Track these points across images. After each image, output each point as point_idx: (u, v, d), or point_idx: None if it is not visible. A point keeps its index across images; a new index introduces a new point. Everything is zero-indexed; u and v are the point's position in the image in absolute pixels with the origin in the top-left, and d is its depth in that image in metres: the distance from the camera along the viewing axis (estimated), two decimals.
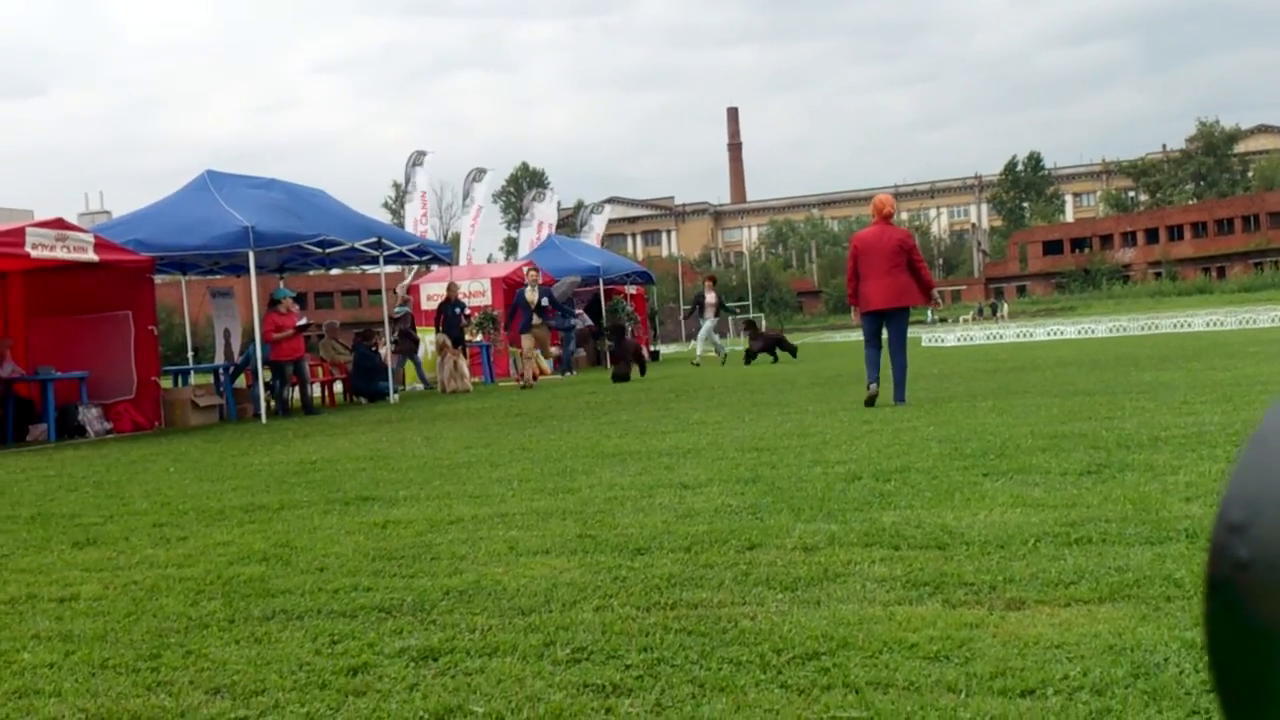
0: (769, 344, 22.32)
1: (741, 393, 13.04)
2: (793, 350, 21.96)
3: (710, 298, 22.67)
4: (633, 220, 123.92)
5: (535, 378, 19.24)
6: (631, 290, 30.59)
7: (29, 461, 10.41)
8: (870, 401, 9.52)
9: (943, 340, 29.02)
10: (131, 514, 6.14)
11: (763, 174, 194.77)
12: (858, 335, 11.46)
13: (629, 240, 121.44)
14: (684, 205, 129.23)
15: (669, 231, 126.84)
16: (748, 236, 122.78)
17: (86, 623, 3.61)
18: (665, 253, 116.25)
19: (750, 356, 22.10)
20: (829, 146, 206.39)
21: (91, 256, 13.68)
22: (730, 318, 29.05)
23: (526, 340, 18.66)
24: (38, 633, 3.52)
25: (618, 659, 2.85)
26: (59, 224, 13.87)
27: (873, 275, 9.63)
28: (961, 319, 64.37)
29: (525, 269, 20.02)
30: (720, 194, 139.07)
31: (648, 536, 4.35)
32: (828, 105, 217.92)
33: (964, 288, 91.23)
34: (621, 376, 17.68)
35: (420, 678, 2.80)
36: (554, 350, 22.91)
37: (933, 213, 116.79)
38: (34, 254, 13.12)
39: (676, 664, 2.78)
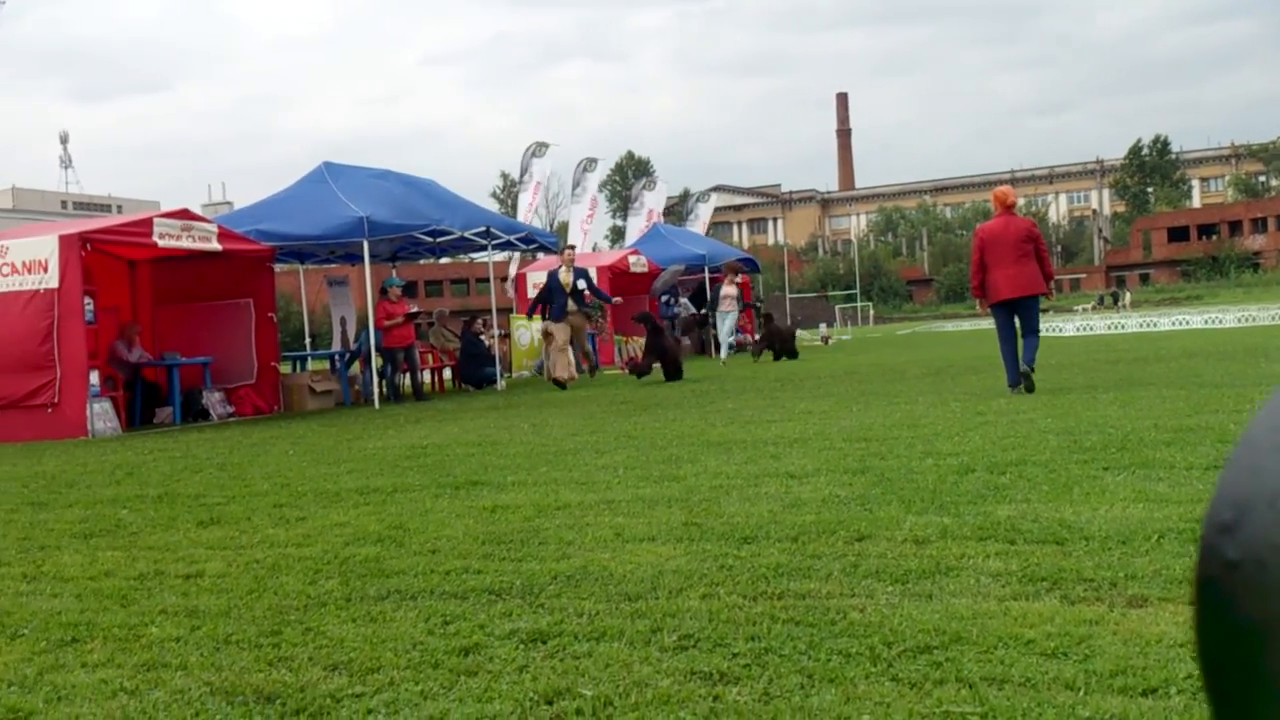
0: (774, 340, 20.92)
1: (849, 383, 12.89)
2: (792, 353, 20.85)
3: (729, 290, 21.04)
4: (738, 208, 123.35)
5: (573, 374, 16.03)
6: (738, 279, 30.48)
7: (156, 443, 10.84)
8: (1023, 387, 9.55)
9: (1061, 330, 28.24)
10: (252, 495, 6.35)
11: (872, 160, 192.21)
12: (970, 325, 11.21)
13: (734, 228, 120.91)
14: (791, 193, 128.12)
15: (775, 219, 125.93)
16: (856, 224, 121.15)
17: (211, 599, 3.75)
18: (771, 241, 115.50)
19: (758, 351, 20.86)
20: (942, 132, 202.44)
21: (215, 246, 14.17)
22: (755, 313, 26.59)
23: (560, 330, 15.73)
24: (165, 608, 3.66)
25: (724, 647, 2.84)
26: (184, 214, 14.40)
27: (1000, 265, 9.63)
28: (1081, 308, 62.53)
29: (565, 250, 17.02)
30: (828, 181, 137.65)
31: (754, 525, 4.33)
32: (941, 89, 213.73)
33: (1084, 276, 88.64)
34: (644, 370, 16.30)
35: (529, 660, 2.84)
36: (591, 338, 21.83)
37: (1050, 198, 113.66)
38: (161, 243, 13.64)
39: (784, 654, 2.76)
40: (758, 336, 21.85)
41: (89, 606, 3.75)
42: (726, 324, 20.78)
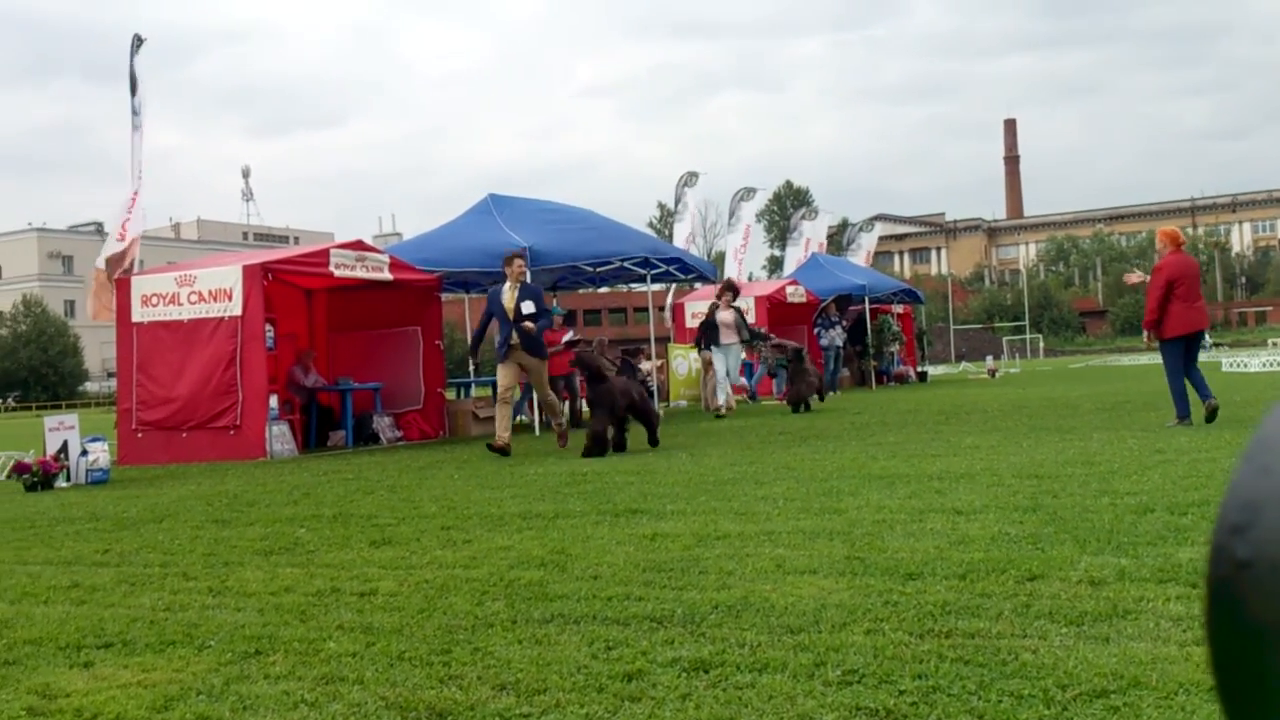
0: (803, 386, 16.19)
1: (1018, 417, 12.48)
2: (809, 401, 16.51)
3: (725, 316, 15.94)
4: (900, 238, 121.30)
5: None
6: (899, 309, 29.94)
7: (330, 465, 11.30)
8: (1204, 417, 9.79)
9: (1245, 365, 26.73)
10: (421, 517, 6.55)
11: (1042, 187, 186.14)
12: (1148, 359, 10.71)
13: (895, 258, 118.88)
14: (955, 221, 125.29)
15: (939, 249, 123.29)
16: (1025, 253, 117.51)
17: (384, 616, 3.88)
18: (935, 271, 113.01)
19: (796, 402, 16.03)
20: (1116, 158, 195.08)
21: (386, 275, 14.74)
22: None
23: (503, 372, 11.45)
24: (342, 624, 3.81)
25: (890, 684, 2.78)
26: (359, 245, 15.04)
27: (1185, 300, 9.90)
28: (1271, 342, 59.01)
29: (514, 260, 11.67)
30: (995, 209, 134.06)
31: (919, 562, 4.23)
32: (1114, 114, 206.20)
33: (1269, 309, 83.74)
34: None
35: (692, 688, 2.84)
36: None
37: (1233, 227, 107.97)
38: (337, 273, 14.28)
39: (953, 693, 2.69)
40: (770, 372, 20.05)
41: (270, 620, 3.93)
42: (728, 360, 16.08)
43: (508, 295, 11.41)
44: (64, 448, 11.21)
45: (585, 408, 17.79)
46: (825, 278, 26.29)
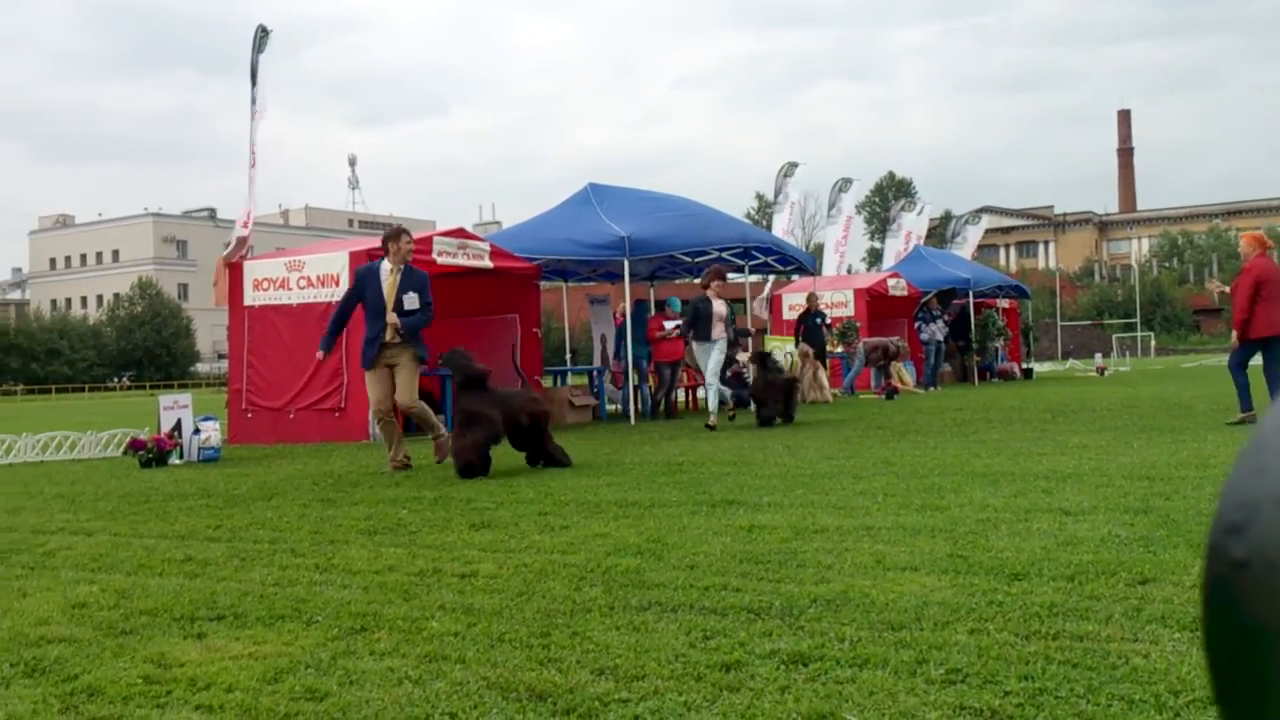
0: (767, 395, 13.19)
1: (1128, 416, 12.13)
2: (788, 414, 13.24)
3: (718, 308, 13.19)
4: (1006, 230, 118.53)
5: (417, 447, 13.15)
6: (1004, 304, 29.28)
7: (429, 448, 11.47)
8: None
9: None
10: (519, 502, 6.63)
11: (1156, 180, 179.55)
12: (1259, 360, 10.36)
13: (1001, 251, 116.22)
14: (1064, 214, 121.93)
15: (1046, 242, 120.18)
16: (1137, 248, 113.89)
17: (484, 598, 3.93)
18: (1042, 265, 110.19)
19: (761, 415, 13.19)
20: (1234, 151, 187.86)
21: (487, 263, 14.92)
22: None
23: (373, 384, 9.32)
24: (443, 604, 3.87)
25: (995, 684, 2.73)
26: (460, 233, 15.25)
27: (1274, 301, 10.19)
28: None
29: (399, 236, 9.49)
30: (1106, 202, 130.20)
31: (1025, 562, 4.14)
32: (1234, 105, 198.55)
33: None
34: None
35: (791, 681, 2.82)
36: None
37: None
38: (439, 261, 14.49)
39: (1060, 695, 2.62)
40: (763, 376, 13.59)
41: (375, 599, 4.02)
42: (711, 359, 13.16)
43: (387, 279, 9.20)
44: (178, 426, 11.60)
45: (675, 398, 17.78)
46: (928, 270, 25.82)
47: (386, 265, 9.33)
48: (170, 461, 11.17)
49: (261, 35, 15.37)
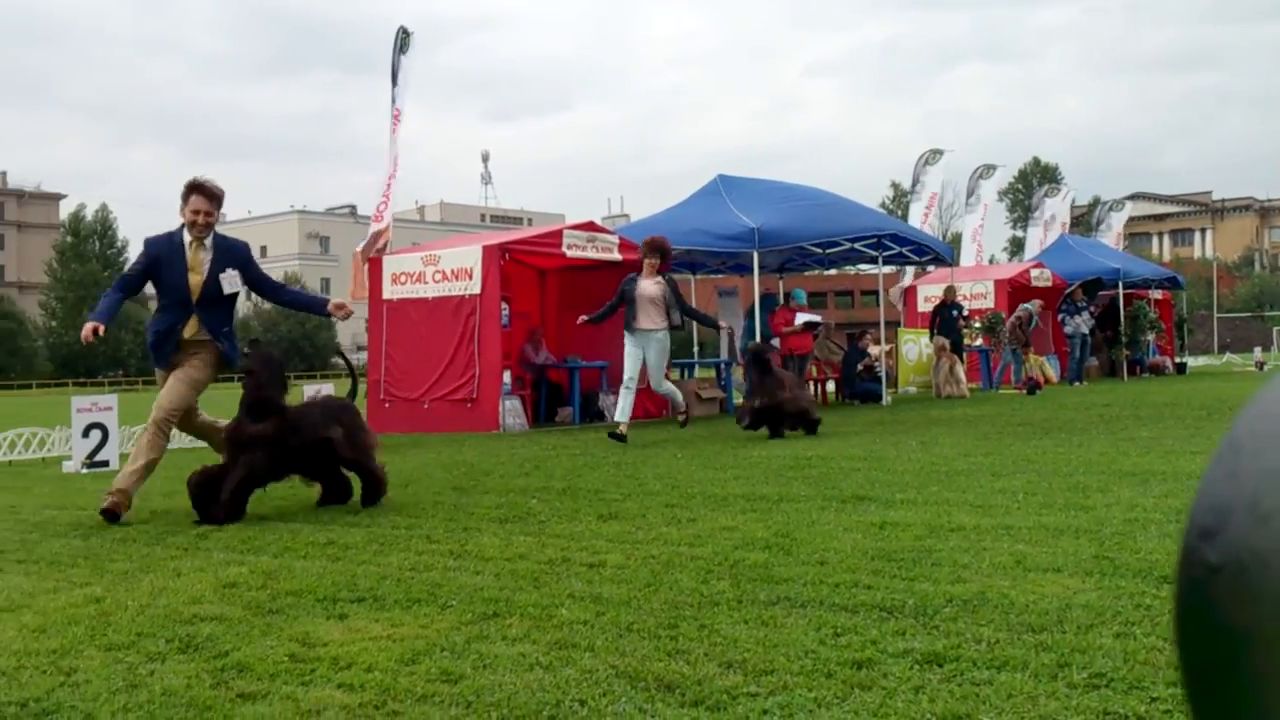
0: (770, 404, 10.73)
1: None
2: (809, 423, 10.94)
3: (648, 288, 11.04)
4: (1159, 218, 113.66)
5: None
6: (1156, 295, 28.12)
7: (558, 440, 11.64)
8: None
9: None
10: (646, 493, 6.65)
11: None
12: None
13: (1154, 240, 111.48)
14: (1223, 201, 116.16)
15: (1203, 230, 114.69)
16: None
17: (612, 588, 3.96)
18: (1198, 254, 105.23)
19: (755, 419, 10.85)
20: None
21: (616, 256, 15.03)
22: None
23: (167, 383, 6.87)
24: (572, 592, 3.91)
25: (1142, 690, 2.61)
26: (590, 226, 15.42)
27: None
28: None
29: (201, 189, 6.81)
30: (1269, 188, 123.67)
31: (1175, 564, 3.95)
32: None
33: None
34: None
35: (925, 681, 2.75)
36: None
37: None
38: (569, 253, 14.68)
39: None
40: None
41: (506, 585, 4.08)
42: (648, 355, 11.28)
43: (190, 254, 6.78)
44: None
45: (819, 390, 17.61)
46: (1073, 260, 24.94)
47: (186, 235, 6.79)
48: None
49: (403, 36, 15.76)
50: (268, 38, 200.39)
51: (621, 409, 11.18)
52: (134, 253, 7.47)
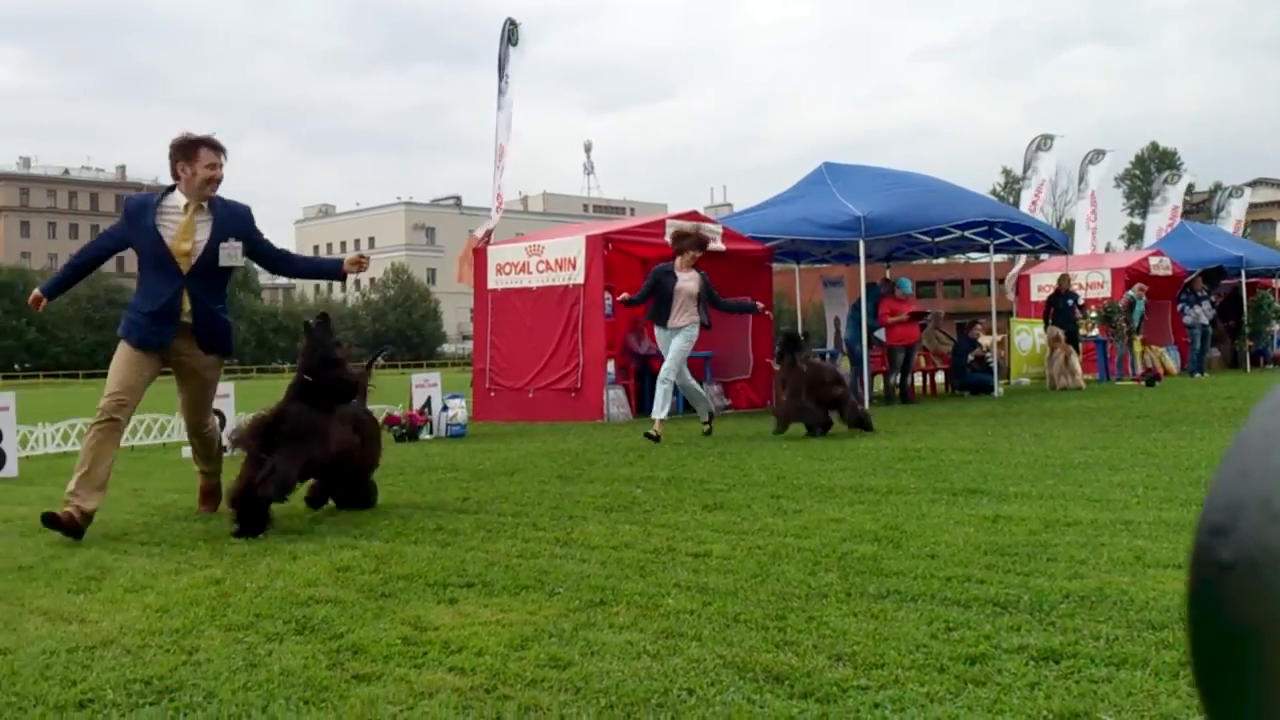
0: (807, 398, 9.78)
1: None
2: (863, 421, 9.94)
3: (685, 281, 10.42)
4: None
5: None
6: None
7: (667, 430, 11.63)
8: None
9: None
10: (751, 484, 6.62)
11: None
12: None
13: (1277, 227, 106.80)
14: None
15: None
16: None
17: (719, 578, 3.95)
18: None
19: (783, 422, 9.94)
20: None
21: (719, 246, 14.96)
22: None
23: (126, 365, 5.85)
24: (678, 582, 3.91)
25: None
26: (693, 216, 15.39)
27: None
28: None
29: (200, 146, 5.88)
30: None
31: None
32: None
33: None
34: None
35: (1041, 677, 2.68)
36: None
37: None
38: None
39: None
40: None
41: (613, 573, 4.10)
42: (674, 349, 10.46)
43: (183, 221, 5.82)
44: (427, 403, 12.25)
45: (911, 382, 17.30)
46: (1194, 248, 24.04)
47: (180, 197, 5.88)
48: (421, 436, 11.80)
49: (511, 28, 15.91)
50: (374, 32, 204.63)
51: (658, 410, 10.39)
52: None
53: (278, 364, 77.59)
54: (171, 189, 5.97)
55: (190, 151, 5.84)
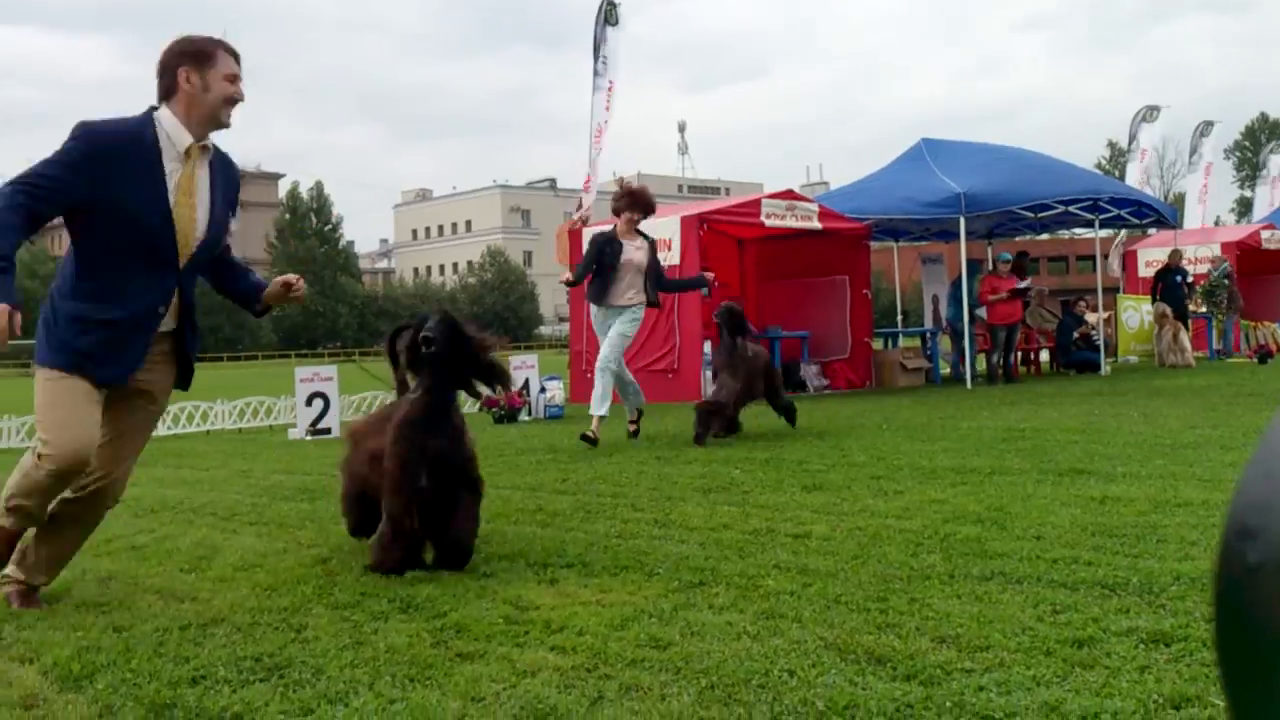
0: (744, 384, 8.62)
1: None
2: (786, 411, 8.99)
3: (633, 251, 8.81)
4: None
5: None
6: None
7: (759, 410, 11.56)
8: None
9: None
10: (851, 465, 6.57)
11: None
12: None
13: None
14: None
15: None
16: None
17: (819, 559, 3.93)
18: None
19: (705, 422, 8.34)
20: None
21: (815, 225, 14.82)
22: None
23: (72, 400, 3.56)
24: (778, 563, 3.90)
25: None
26: (788, 195, 15.24)
27: None
28: None
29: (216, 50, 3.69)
30: None
31: None
32: None
33: None
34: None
35: (1151, 660, 2.62)
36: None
37: None
38: (767, 223, 14.56)
39: None
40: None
41: (711, 554, 4.11)
42: (611, 334, 8.87)
43: (183, 174, 3.68)
44: (526, 385, 12.39)
45: (1015, 361, 16.93)
46: None
47: (178, 132, 3.68)
48: (520, 418, 11.95)
49: (609, 7, 15.93)
50: (467, 16, 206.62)
51: (597, 405, 8.71)
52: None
53: (379, 347, 79.11)
54: (151, 113, 3.70)
55: (204, 55, 3.70)
